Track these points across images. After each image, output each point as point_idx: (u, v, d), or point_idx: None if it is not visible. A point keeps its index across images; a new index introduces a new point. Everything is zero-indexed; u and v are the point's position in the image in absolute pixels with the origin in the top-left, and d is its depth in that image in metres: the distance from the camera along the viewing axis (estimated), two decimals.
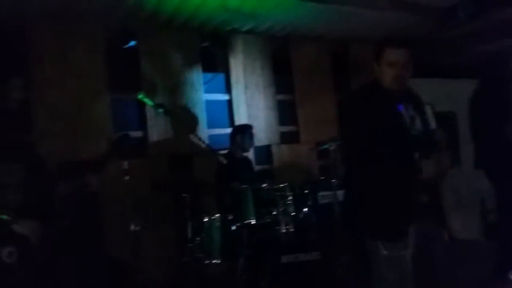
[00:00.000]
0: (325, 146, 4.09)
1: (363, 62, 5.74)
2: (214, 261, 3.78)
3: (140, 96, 2.97)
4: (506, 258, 3.63)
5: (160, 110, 3.04)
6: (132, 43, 4.90)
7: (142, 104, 4.59)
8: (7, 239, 2.12)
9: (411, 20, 5.10)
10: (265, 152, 5.46)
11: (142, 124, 4.75)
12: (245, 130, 4.72)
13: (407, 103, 2.46)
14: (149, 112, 4.70)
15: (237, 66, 5.40)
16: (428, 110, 2.55)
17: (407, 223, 2.37)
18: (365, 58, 5.90)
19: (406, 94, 2.52)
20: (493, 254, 3.69)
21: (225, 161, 3.26)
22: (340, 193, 4.14)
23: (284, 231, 3.72)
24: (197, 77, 5.11)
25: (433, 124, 2.50)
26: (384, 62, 2.41)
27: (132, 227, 3.66)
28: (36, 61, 4.27)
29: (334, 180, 4.00)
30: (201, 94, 5.13)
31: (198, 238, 3.80)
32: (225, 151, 4.65)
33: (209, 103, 5.23)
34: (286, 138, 5.66)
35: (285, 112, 5.69)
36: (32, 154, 2.43)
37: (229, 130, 5.10)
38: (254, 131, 4.82)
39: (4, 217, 2.11)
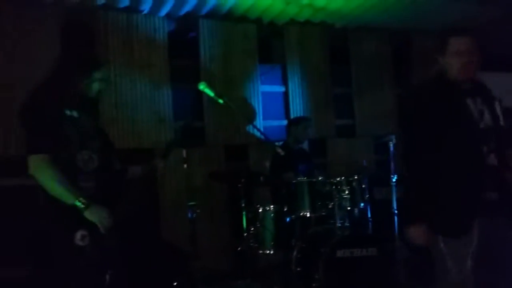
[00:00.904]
0: (383, 140, 3.98)
1: (426, 54, 5.52)
2: (267, 252, 3.81)
3: (201, 87, 3.01)
4: None
5: (220, 100, 3.07)
6: (192, 34, 5.00)
7: (200, 95, 4.67)
8: (81, 223, 2.20)
9: (477, 10, 4.86)
10: (320, 145, 5.41)
11: (200, 114, 4.84)
12: (301, 122, 4.70)
13: (475, 96, 2.37)
14: (207, 103, 4.78)
15: (294, 57, 5.37)
16: (497, 105, 2.44)
17: (471, 219, 2.28)
18: (428, 50, 5.69)
19: (475, 87, 2.42)
20: None
21: (282, 153, 3.25)
22: (397, 189, 4.07)
23: (339, 225, 3.68)
24: (254, 68, 5.13)
25: (501, 121, 2.39)
26: (449, 53, 2.35)
27: (189, 215, 3.75)
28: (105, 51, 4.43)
29: (391, 175, 3.91)
30: (258, 85, 5.15)
31: (253, 228, 3.84)
32: (281, 143, 4.65)
33: (265, 94, 5.24)
34: (342, 131, 5.58)
35: (342, 105, 5.60)
36: (106, 141, 2.51)
37: (284, 122, 5.10)
38: (310, 123, 4.78)
39: (78, 203, 2.20)
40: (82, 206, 2.20)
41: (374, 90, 5.66)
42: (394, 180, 3.85)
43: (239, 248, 3.90)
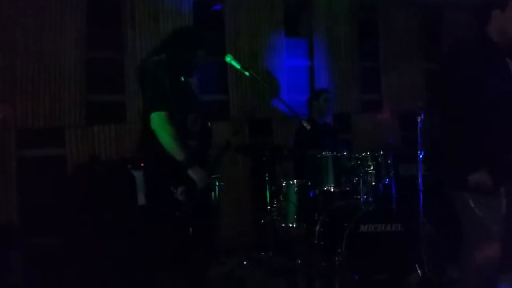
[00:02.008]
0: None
1: (457, 30, 5.37)
2: (290, 225, 3.83)
3: (228, 59, 2.98)
4: None
5: (247, 73, 3.04)
6: (218, 6, 4.95)
7: (224, 67, 4.66)
8: (182, 180, 2.47)
9: None
10: (345, 120, 5.35)
11: (224, 87, 4.82)
12: (321, 95, 4.60)
13: None
14: (232, 76, 4.75)
15: (321, 31, 5.27)
16: None
17: (500, 179, 2.28)
18: (459, 25, 5.52)
19: None
20: None
21: (308, 126, 3.22)
22: (423, 166, 4.01)
23: (363, 200, 3.66)
24: (280, 41, 5.07)
25: None
26: (510, 7, 2.31)
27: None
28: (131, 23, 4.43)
29: (418, 152, 3.84)
30: (283, 59, 5.09)
31: (276, 202, 3.86)
32: (306, 117, 4.61)
33: (291, 68, 5.18)
34: (368, 107, 5.50)
35: (369, 80, 5.50)
36: (203, 107, 2.89)
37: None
38: (330, 95, 4.68)
39: (187, 160, 2.48)
40: (189, 163, 2.47)
41: (402, 65, 5.54)
42: (420, 156, 3.78)
43: (262, 221, 3.93)
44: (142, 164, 3.77)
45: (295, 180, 3.90)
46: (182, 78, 2.65)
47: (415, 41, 5.62)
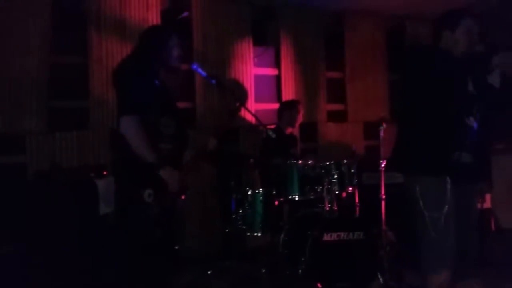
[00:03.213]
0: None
1: (419, 39, 5.54)
2: (255, 234, 3.84)
3: (194, 66, 2.99)
4: None
5: (213, 81, 3.05)
6: (185, 14, 4.94)
7: (191, 75, 4.64)
8: (149, 183, 2.49)
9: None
10: (311, 129, 5.42)
11: (191, 95, 4.81)
12: (293, 106, 4.68)
13: (465, 65, 2.48)
14: (198, 84, 4.74)
15: (288, 40, 5.33)
16: (496, 74, 2.52)
17: (445, 173, 2.41)
18: (422, 35, 5.70)
19: (468, 58, 2.51)
20: None
21: (274, 135, 3.25)
22: (386, 175, 4.11)
23: (327, 209, 3.71)
24: (247, 50, 5.09)
25: (496, 83, 2.51)
26: (460, 30, 2.48)
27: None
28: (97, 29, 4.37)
29: (380, 161, 3.93)
30: (251, 67, 5.12)
31: (241, 210, 3.86)
32: (273, 126, 4.64)
33: (257, 77, 5.22)
34: (334, 117, 5.59)
35: (334, 90, 5.60)
36: (179, 111, 2.87)
37: (276, 106, 5.08)
38: (301, 107, 4.76)
39: (157, 162, 2.50)
40: (160, 164, 2.50)
41: (367, 75, 5.66)
42: (382, 165, 3.87)
43: (227, 230, 3.93)
44: (105, 173, 3.74)
45: (260, 189, 3.91)
46: (156, 81, 2.65)
47: (379, 53, 5.75)
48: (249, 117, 4.80)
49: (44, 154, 4.01)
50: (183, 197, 3.18)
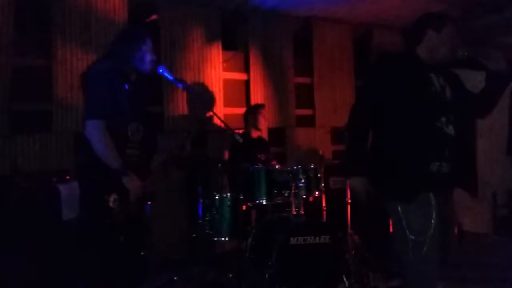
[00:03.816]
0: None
1: (385, 47, 5.66)
2: (223, 239, 3.82)
3: (160, 70, 2.95)
4: None
5: (180, 85, 3.03)
6: (153, 16, 4.89)
7: (159, 79, 4.59)
8: (114, 188, 2.47)
9: (438, 7, 4.98)
10: (279, 134, 5.45)
11: (159, 99, 4.76)
12: (257, 110, 4.69)
13: (438, 73, 2.49)
14: (166, 87, 4.71)
15: (257, 46, 5.36)
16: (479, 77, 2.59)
17: (424, 186, 2.33)
18: (388, 43, 5.83)
19: (440, 67, 2.53)
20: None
21: (241, 140, 3.25)
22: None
23: (294, 213, 3.73)
24: (216, 55, 5.09)
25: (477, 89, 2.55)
26: (445, 32, 2.47)
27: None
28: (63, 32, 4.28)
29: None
30: (220, 72, 5.12)
31: (208, 215, 3.83)
32: (241, 131, 4.65)
33: (227, 81, 5.22)
34: (302, 121, 5.64)
35: (303, 95, 5.65)
36: (149, 117, 2.83)
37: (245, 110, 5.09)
38: (266, 111, 4.77)
39: (120, 168, 2.48)
40: (123, 171, 2.47)
41: (335, 81, 5.74)
42: None
43: (194, 235, 3.89)
44: (67, 177, 3.65)
45: (228, 194, 3.90)
46: (126, 85, 2.61)
47: (347, 59, 5.85)
48: (218, 122, 4.79)
49: (5, 157, 3.89)
50: (149, 202, 3.15)
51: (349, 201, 3.92)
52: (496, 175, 4.84)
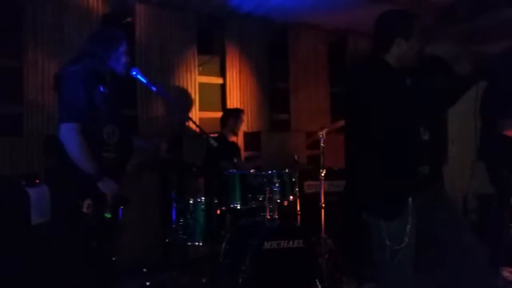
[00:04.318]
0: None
1: (359, 54, 5.74)
2: (197, 243, 3.79)
3: (133, 72, 2.91)
4: (495, 254, 3.74)
5: (154, 88, 2.99)
6: (129, 19, 4.85)
7: (134, 82, 4.55)
8: (88, 193, 2.42)
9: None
10: (255, 138, 5.46)
11: (133, 102, 4.71)
12: (237, 114, 4.70)
13: (412, 75, 2.42)
14: (141, 90, 4.66)
15: (233, 50, 5.36)
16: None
17: (406, 199, 2.29)
18: (362, 49, 5.92)
19: (408, 69, 2.45)
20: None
21: (215, 144, 3.24)
22: (326, 183, 4.20)
23: (268, 217, 3.73)
24: (192, 58, 5.07)
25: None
26: (415, 36, 2.35)
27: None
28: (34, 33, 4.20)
29: (321, 170, 4.01)
30: (195, 76, 5.10)
31: (182, 220, 3.80)
32: (216, 134, 4.63)
33: (202, 85, 5.20)
34: (277, 126, 5.66)
35: (279, 100, 5.68)
36: (123, 119, 2.78)
37: (220, 114, 5.08)
38: (244, 116, 4.79)
39: (96, 173, 2.45)
40: (98, 175, 2.44)
41: (310, 86, 5.79)
42: (322, 174, 3.95)
43: (167, 240, 3.85)
44: (37, 181, 3.57)
45: (202, 198, 3.88)
46: (101, 87, 2.57)
47: (322, 65, 5.91)
48: (193, 125, 4.77)
49: None
50: (123, 207, 3.11)
51: (323, 205, 3.94)
52: (467, 180, 4.94)
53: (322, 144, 3.94)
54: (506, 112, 3.81)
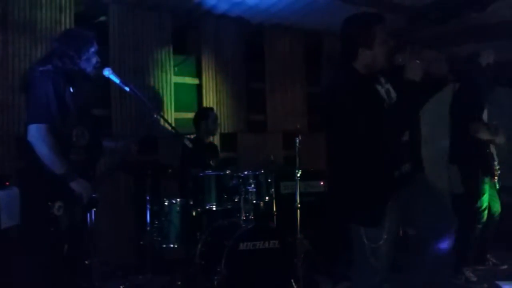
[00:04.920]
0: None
1: (335, 56, 5.78)
2: (172, 246, 3.76)
3: (106, 73, 2.86)
4: (461, 254, 3.81)
5: (127, 88, 2.94)
6: (102, 18, 4.78)
7: (107, 82, 4.48)
8: (59, 195, 2.40)
9: (386, 16, 5.13)
10: (231, 139, 5.44)
11: (107, 102, 4.64)
12: (206, 115, 4.61)
13: (380, 78, 2.43)
14: (115, 90, 4.59)
15: (209, 50, 5.33)
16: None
17: (386, 205, 2.30)
18: (337, 51, 5.95)
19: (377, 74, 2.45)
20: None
21: (190, 145, 3.21)
22: (302, 184, 4.22)
23: (244, 218, 3.72)
24: (167, 58, 5.02)
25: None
26: (378, 43, 2.32)
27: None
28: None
29: (297, 171, 4.02)
30: (171, 76, 5.05)
31: (157, 222, 3.77)
32: (193, 136, 4.59)
33: (178, 86, 5.16)
34: (254, 127, 5.65)
35: (255, 100, 5.67)
36: (93, 120, 2.75)
37: None
38: (215, 114, 4.71)
39: (68, 173, 2.41)
40: (70, 176, 2.41)
41: (286, 87, 5.80)
42: (298, 175, 3.96)
43: (141, 242, 3.81)
44: (7, 183, 3.47)
45: (177, 199, 3.85)
46: (71, 88, 2.52)
47: (298, 65, 5.93)
48: (168, 126, 4.72)
49: None
50: (94, 209, 3.06)
51: (299, 206, 3.95)
52: (439, 182, 5.02)
53: (297, 145, 3.95)
54: (477, 115, 3.89)
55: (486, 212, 3.93)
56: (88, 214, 3.04)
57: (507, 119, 4.83)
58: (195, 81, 5.35)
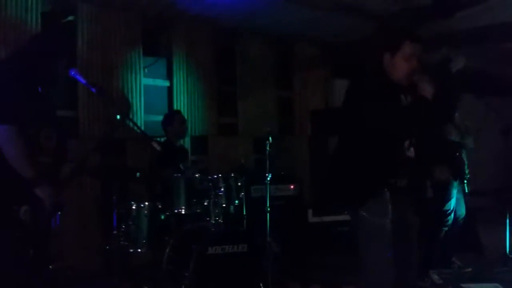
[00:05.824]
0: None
1: (306, 60, 5.83)
2: (139, 250, 3.69)
3: (72, 73, 2.78)
4: (427, 256, 3.87)
5: (93, 89, 2.87)
6: (71, 17, 4.68)
7: (74, 82, 4.38)
8: (25, 199, 2.32)
9: (355, 22, 5.21)
10: (202, 142, 5.40)
11: (73, 103, 4.53)
12: (171, 119, 4.50)
13: (406, 93, 2.49)
14: (82, 91, 4.49)
15: (180, 52, 5.29)
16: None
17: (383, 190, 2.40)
18: (308, 56, 6.01)
19: (407, 85, 2.49)
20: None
21: (158, 148, 3.15)
22: (273, 187, 4.21)
23: (213, 222, 3.68)
24: (137, 59, 4.95)
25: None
26: (400, 55, 2.39)
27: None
28: None
29: (268, 174, 4.01)
30: (140, 78, 4.98)
31: (124, 226, 3.68)
32: (164, 139, 4.52)
33: (148, 88, 5.09)
34: (225, 130, 5.63)
35: (226, 104, 5.65)
36: (60, 123, 2.69)
37: None
38: (181, 116, 4.63)
39: (34, 177, 2.33)
40: (37, 181, 2.33)
41: (257, 90, 5.80)
42: (268, 178, 3.95)
43: (107, 247, 3.72)
44: None
45: (145, 203, 3.77)
46: (40, 90, 2.46)
47: (269, 69, 5.94)
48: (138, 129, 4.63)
49: None
50: (59, 213, 2.97)
51: (269, 209, 3.94)
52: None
53: (268, 149, 3.94)
54: (449, 119, 3.94)
55: (452, 215, 4.00)
56: (53, 218, 2.95)
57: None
58: (166, 83, 5.29)
